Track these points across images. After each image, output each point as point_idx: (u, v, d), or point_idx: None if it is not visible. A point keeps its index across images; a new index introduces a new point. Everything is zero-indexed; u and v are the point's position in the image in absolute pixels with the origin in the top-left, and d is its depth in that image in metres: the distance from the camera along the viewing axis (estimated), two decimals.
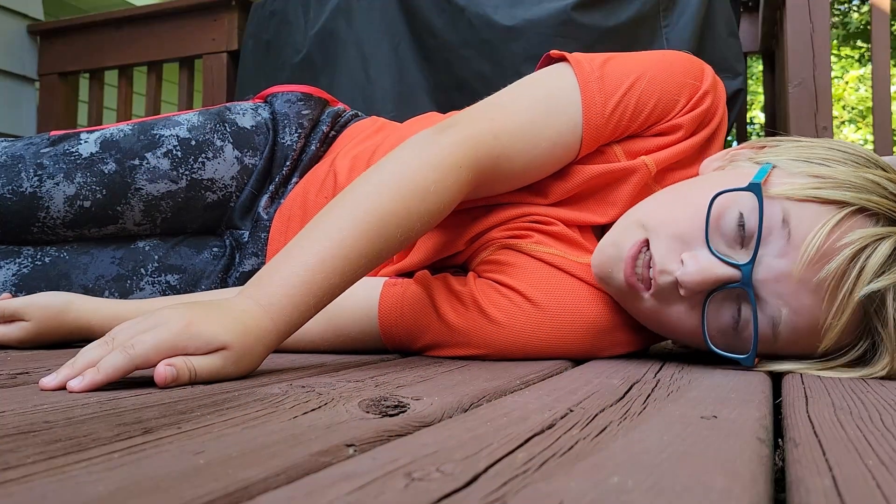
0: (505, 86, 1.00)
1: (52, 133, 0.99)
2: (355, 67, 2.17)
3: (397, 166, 0.66)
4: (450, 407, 0.45)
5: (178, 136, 0.95)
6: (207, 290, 0.95)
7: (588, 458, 0.32)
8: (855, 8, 7.73)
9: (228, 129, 0.98)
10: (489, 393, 0.51)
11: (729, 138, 2.43)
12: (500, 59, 2.11)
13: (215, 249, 0.99)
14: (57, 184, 0.92)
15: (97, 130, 0.98)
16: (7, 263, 0.93)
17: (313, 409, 0.43)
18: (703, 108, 0.76)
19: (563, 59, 0.79)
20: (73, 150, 0.94)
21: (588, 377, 0.58)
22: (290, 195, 0.97)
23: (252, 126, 1.00)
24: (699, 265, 0.63)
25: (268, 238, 0.95)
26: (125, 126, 0.98)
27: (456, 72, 2.18)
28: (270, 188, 0.99)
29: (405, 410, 0.43)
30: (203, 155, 0.95)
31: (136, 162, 0.93)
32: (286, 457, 0.31)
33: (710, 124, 0.79)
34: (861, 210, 0.62)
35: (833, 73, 6.70)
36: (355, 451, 0.33)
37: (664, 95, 0.76)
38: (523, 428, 0.38)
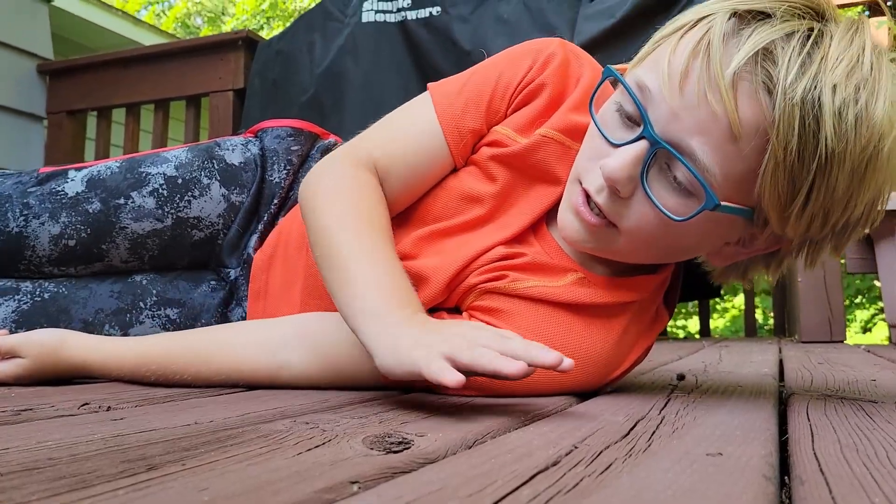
0: None
1: (41, 170, 0.99)
2: (364, 108, 2.19)
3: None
4: (454, 443, 0.45)
5: (164, 175, 0.96)
6: (208, 324, 0.95)
7: (593, 496, 0.32)
8: None
9: (216, 167, 0.98)
10: (493, 429, 0.51)
11: None
12: None
13: (212, 283, 0.99)
14: (42, 223, 0.94)
15: (85, 168, 0.98)
16: (6, 300, 0.93)
17: (317, 446, 0.43)
18: (557, 61, 0.77)
19: None
20: (60, 189, 0.95)
21: (592, 414, 0.58)
22: (272, 232, 0.98)
23: (241, 163, 1.00)
24: (612, 158, 0.64)
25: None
26: (113, 163, 0.98)
27: None
28: (259, 227, 0.99)
29: (409, 447, 0.43)
30: (189, 193, 0.96)
31: (122, 201, 0.94)
32: (290, 494, 0.31)
33: (582, 76, 0.79)
34: (695, 24, 0.63)
35: None
36: (360, 488, 0.33)
37: (509, 64, 0.78)
38: (528, 465, 0.38)
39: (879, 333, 7.09)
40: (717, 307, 8.12)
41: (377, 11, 2.30)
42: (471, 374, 0.55)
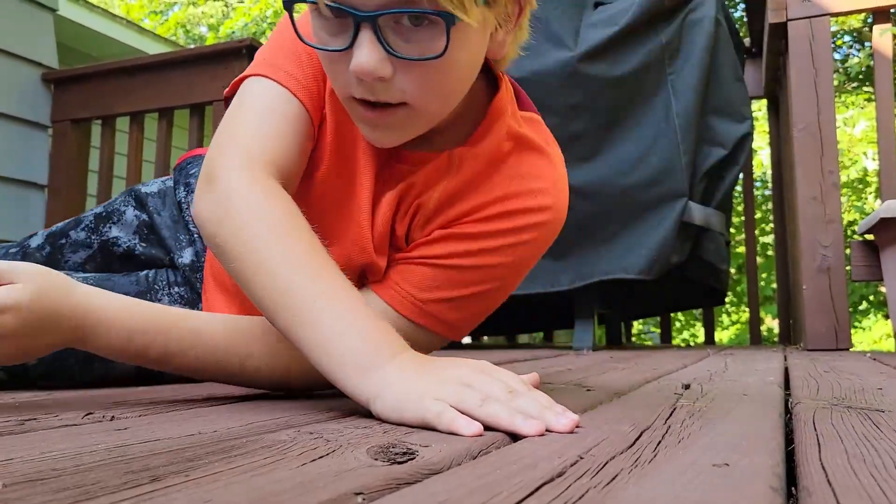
0: None
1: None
2: None
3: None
4: (458, 454, 0.44)
5: (94, 213, 1.14)
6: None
7: None
8: (855, 51, 7.82)
9: (132, 197, 1.15)
10: (498, 439, 0.51)
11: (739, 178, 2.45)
12: None
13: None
14: None
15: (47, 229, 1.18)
16: None
17: (321, 457, 0.43)
18: None
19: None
20: (26, 242, 1.14)
21: (597, 423, 0.58)
22: None
23: (154, 192, 1.15)
24: (354, 59, 0.64)
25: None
26: (70, 220, 1.16)
27: None
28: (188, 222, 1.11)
29: (414, 458, 0.43)
30: (110, 221, 1.13)
31: (63, 241, 1.12)
32: None
33: None
34: None
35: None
36: (364, 499, 0.33)
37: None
38: (533, 476, 0.38)
39: (879, 330, 7.08)
40: (723, 319, 8.10)
41: None
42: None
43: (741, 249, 6.00)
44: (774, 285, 6.45)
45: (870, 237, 2.08)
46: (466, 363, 0.60)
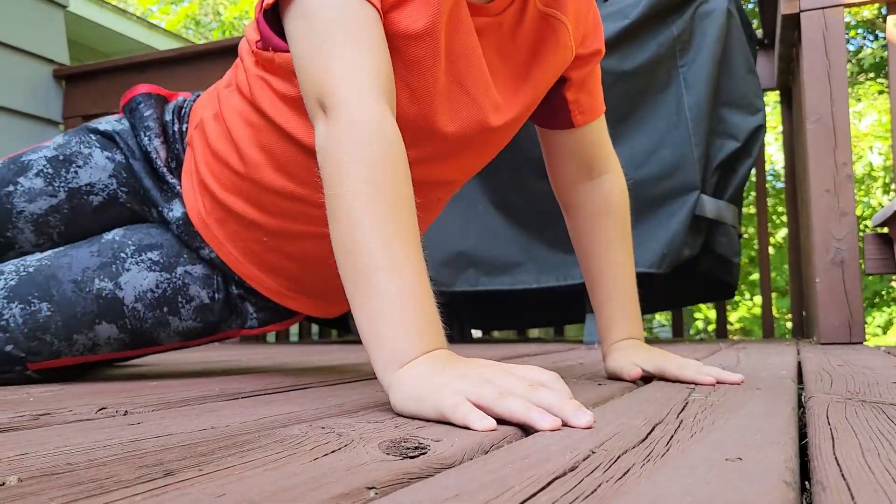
0: (525, 128, 1.02)
1: None
2: None
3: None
4: (470, 448, 0.44)
5: (45, 157, 1.00)
6: (190, 259, 0.98)
7: (612, 502, 0.32)
8: (869, 42, 7.76)
9: (92, 137, 1.02)
10: (510, 434, 0.51)
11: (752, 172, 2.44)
12: None
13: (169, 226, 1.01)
14: None
15: None
16: None
17: (333, 451, 0.43)
18: None
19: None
20: None
21: (609, 418, 0.58)
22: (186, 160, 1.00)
23: (113, 130, 1.03)
24: None
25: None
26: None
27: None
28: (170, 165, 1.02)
29: (425, 452, 0.43)
30: (74, 164, 1.00)
31: (11, 188, 0.98)
32: (307, 500, 0.31)
33: None
34: None
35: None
36: (376, 493, 0.33)
37: None
38: (545, 470, 0.38)
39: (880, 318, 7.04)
40: (734, 309, 8.07)
41: None
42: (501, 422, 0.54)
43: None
44: (778, 277, 6.43)
45: (883, 230, 2.06)
46: (492, 363, 0.60)
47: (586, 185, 1.02)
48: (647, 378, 0.90)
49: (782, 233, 6.77)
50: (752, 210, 5.65)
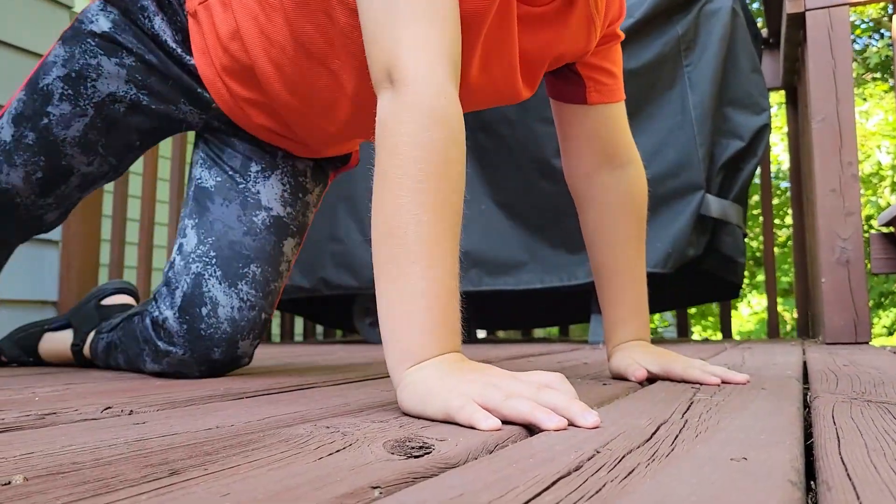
0: (529, 128, 1.02)
1: None
2: None
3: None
4: (475, 448, 0.44)
5: (59, 77, 1.00)
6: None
7: (616, 502, 0.32)
8: (874, 41, 7.73)
9: (93, 43, 0.99)
10: (514, 434, 0.50)
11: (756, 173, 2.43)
12: (524, 103, 2.12)
13: (202, 115, 1.04)
14: (7, 173, 1.04)
15: (3, 113, 1.05)
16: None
17: (338, 451, 0.43)
18: None
19: None
20: None
21: (614, 417, 0.58)
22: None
23: (110, 29, 0.99)
24: None
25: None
26: (20, 94, 1.03)
27: (481, 114, 2.20)
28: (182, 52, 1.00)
29: (430, 452, 0.43)
30: (89, 80, 0.99)
31: (45, 121, 1.01)
32: (312, 499, 0.31)
33: None
34: None
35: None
36: (381, 493, 0.33)
37: None
38: (550, 470, 0.38)
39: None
40: (740, 311, 8.04)
41: None
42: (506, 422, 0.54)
43: (754, 243, 5.96)
44: (785, 278, 6.41)
45: (889, 229, 2.06)
46: (502, 371, 0.60)
47: (606, 175, 0.98)
48: (651, 379, 0.90)
49: (787, 232, 6.75)
50: (756, 211, 5.64)
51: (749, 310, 8.22)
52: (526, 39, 0.88)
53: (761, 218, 2.96)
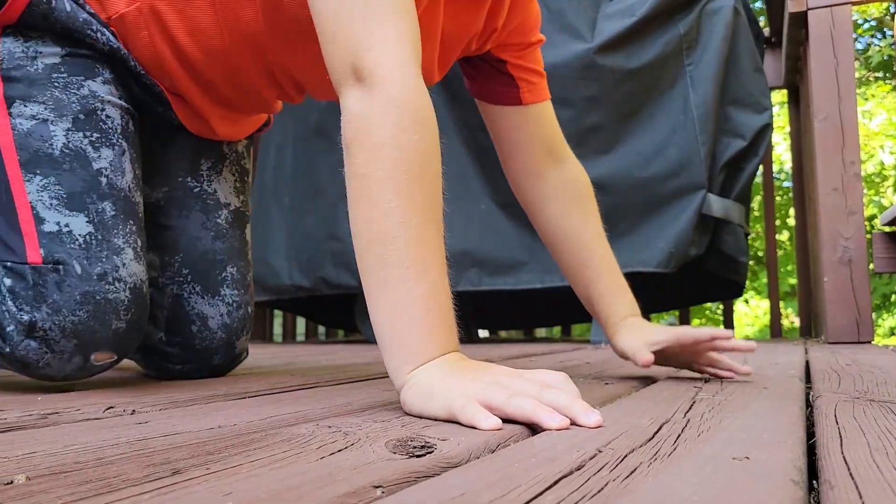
0: None
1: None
2: None
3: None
4: (477, 448, 0.44)
5: (71, 127, 0.82)
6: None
7: (618, 501, 0.32)
8: (877, 41, 7.72)
9: (64, 71, 0.84)
10: (516, 433, 0.50)
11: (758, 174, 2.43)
12: None
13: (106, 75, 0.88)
14: (124, 265, 0.81)
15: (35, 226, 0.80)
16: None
17: (340, 450, 0.43)
18: None
19: None
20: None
21: (616, 417, 0.58)
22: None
23: (63, 50, 0.85)
24: None
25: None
26: (33, 186, 0.79)
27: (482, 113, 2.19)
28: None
29: (432, 451, 0.43)
30: (95, 114, 0.84)
31: (105, 179, 0.82)
32: (314, 498, 0.31)
33: None
34: None
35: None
36: (383, 492, 0.33)
37: None
38: (552, 469, 0.38)
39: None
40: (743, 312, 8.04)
41: None
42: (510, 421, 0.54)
43: (756, 243, 5.95)
44: (791, 279, 6.40)
45: (892, 229, 2.05)
46: (505, 369, 0.60)
47: (554, 172, 0.99)
48: (652, 379, 0.90)
49: (787, 234, 6.74)
50: (758, 213, 5.64)
51: (748, 309, 8.21)
52: (448, 21, 0.88)
53: (763, 219, 2.95)
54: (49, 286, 0.76)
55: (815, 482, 0.40)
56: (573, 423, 0.52)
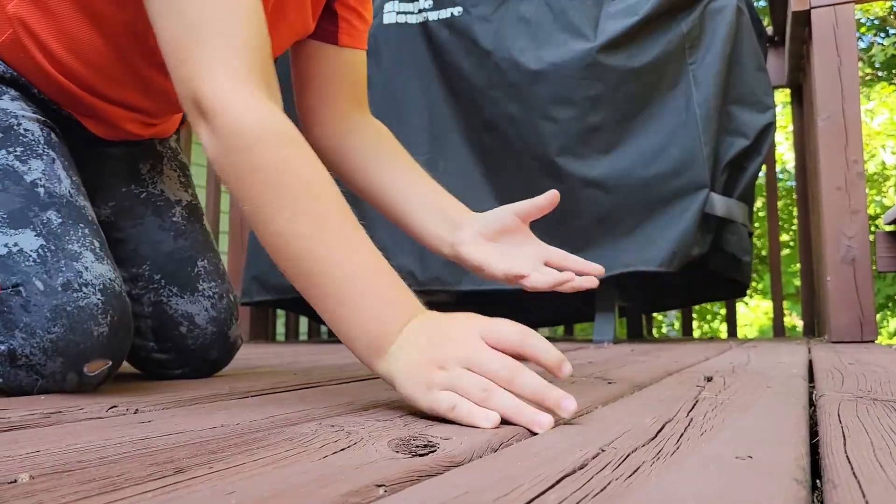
0: (533, 127, 1.00)
1: None
2: (386, 109, 2.18)
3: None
4: (479, 447, 0.44)
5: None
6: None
7: (621, 500, 0.32)
8: (880, 40, 7.70)
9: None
10: (519, 432, 0.50)
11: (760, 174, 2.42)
12: (528, 101, 2.13)
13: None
14: (88, 268, 0.77)
15: None
16: None
17: (343, 449, 0.43)
18: None
19: None
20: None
21: (619, 416, 0.58)
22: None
23: None
24: None
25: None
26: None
27: (485, 113, 2.20)
28: None
29: (434, 450, 0.43)
30: (11, 130, 0.81)
31: (41, 190, 0.78)
32: (317, 497, 0.31)
33: None
34: None
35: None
36: (385, 491, 0.33)
37: None
38: (554, 468, 0.38)
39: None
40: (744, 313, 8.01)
41: (398, 13, 2.30)
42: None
43: (758, 242, 5.94)
44: (795, 281, 6.38)
45: (894, 228, 2.05)
46: (466, 328, 0.58)
47: (360, 117, 0.97)
48: (654, 379, 0.90)
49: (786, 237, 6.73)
50: (762, 214, 5.62)
51: (747, 310, 8.20)
52: None
53: (766, 220, 2.95)
54: (15, 311, 0.72)
55: (818, 481, 0.40)
56: (550, 411, 0.52)
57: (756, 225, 3.66)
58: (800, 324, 2.90)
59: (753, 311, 8.24)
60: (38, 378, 0.74)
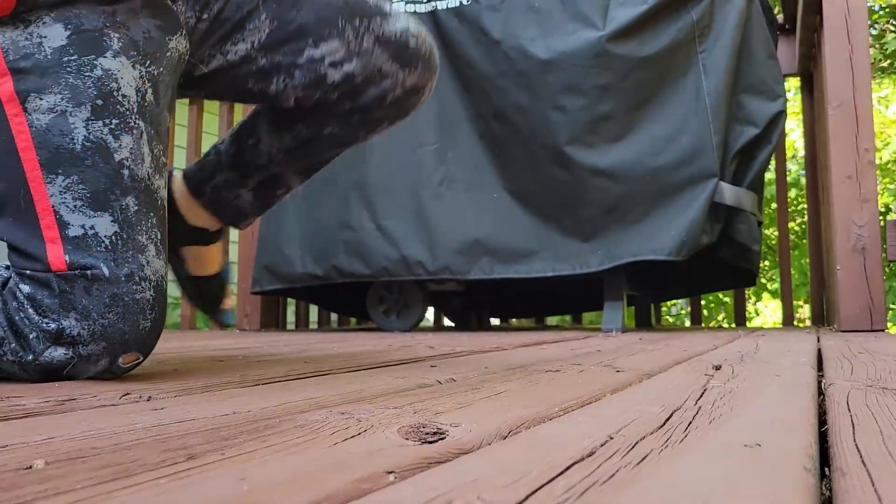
0: (542, 116, 0.99)
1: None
2: None
3: None
4: (489, 434, 0.45)
5: (89, 119, 0.77)
6: None
7: (629, 487, 0.32)
8: (892, 27, 7.62)
9: (72, 56, 0.78)
10: (528, 420, 0.51)
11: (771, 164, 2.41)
12: (537, 90, 2.12)
13: None
14: (148, 263, 0.80)
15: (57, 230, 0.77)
16: None
17: (353, 436, 0.43)
18: None
19: None
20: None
21: (627, 404, 0.58)
22: None
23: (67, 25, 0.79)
24: None
25: None
26: (55, 189, 0.76)
27: (494, 102, 2.19)
28: None
29: (444, 437, 0.43)
30: (113, 93, 0.79)
31: (126, 172, 0.79)
32: (328, 483, 0.32)
33: None
34: None
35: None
36: (395, 478, 0.34)
37: None
38: (563, 455, 0.38)
39: None
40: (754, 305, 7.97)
41: (408, 2, 2.30)
42: None
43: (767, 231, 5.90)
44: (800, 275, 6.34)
45: None
46: None
47: None
48: (663, 367, 0.90)
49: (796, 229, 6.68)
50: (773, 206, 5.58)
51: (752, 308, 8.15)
52: None
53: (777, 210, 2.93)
54: (77, 292, 0.74)
55: (826, 469, 0.41)
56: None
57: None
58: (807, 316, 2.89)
59: (759, 311, 8.20)
60: (73, 358, 0.75)
